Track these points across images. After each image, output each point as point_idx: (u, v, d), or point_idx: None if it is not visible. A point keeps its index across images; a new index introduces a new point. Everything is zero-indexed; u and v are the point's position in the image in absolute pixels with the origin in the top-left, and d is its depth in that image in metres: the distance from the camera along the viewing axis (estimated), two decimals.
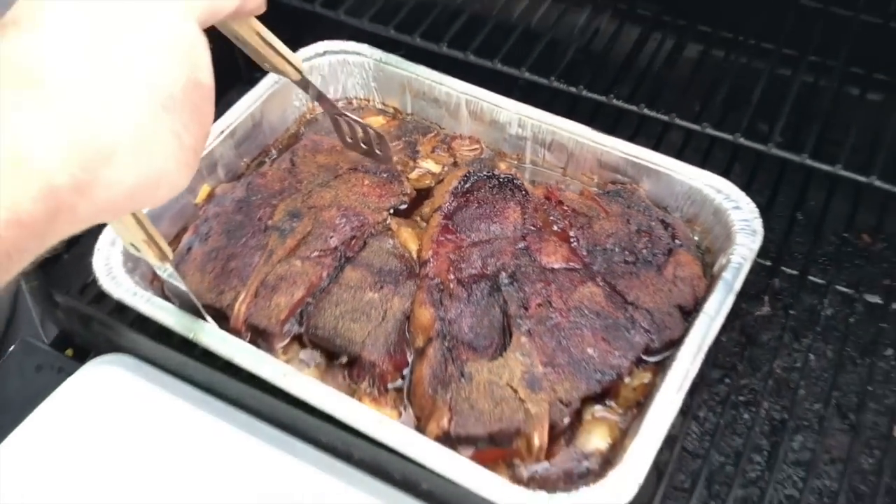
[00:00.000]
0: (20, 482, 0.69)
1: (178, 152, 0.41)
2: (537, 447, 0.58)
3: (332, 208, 0.68)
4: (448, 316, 0.63)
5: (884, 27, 0.80)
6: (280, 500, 0.67)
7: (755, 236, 0.66)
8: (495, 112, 0.76)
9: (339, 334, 0.62)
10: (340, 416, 0.58)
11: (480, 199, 0.70)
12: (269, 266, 0.65)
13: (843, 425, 0.70)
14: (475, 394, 0.59)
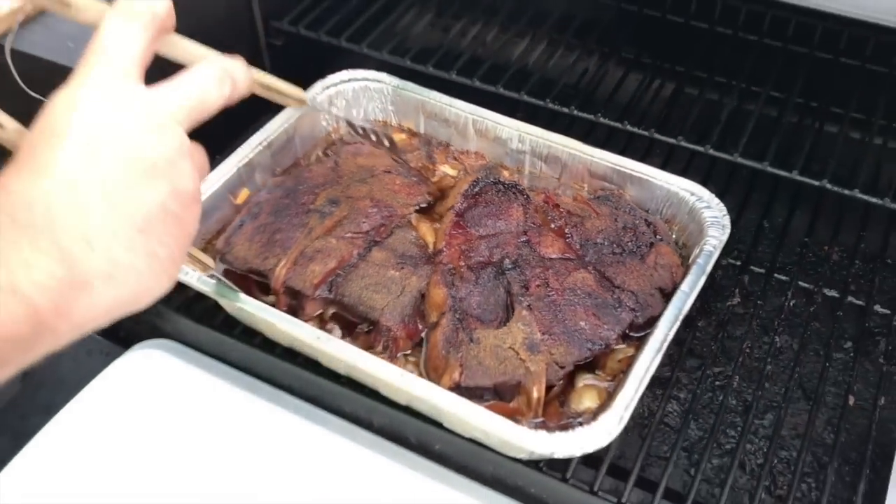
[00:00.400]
0: (70, 456, 0.77)
1: (155, 268, 0.44)
2: (535, 400, 0.67)
3: (367, 199, 0.79)
4: (459, 294, 0.73)
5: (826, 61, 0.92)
6: (308, 465, 0.75)
7: (724, 230, 0.77)
8: (498, 129, 0.87)
9: (362, 302, 0.72)
10: (367, 369, 0.67)
11: (487, 201, 0.81)
12: (309, 240, 0.75)
13: (806, 405, 0.80)
14: (482, 353, 0.68)
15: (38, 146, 0.42)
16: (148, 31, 0.46)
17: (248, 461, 0.75)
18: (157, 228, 0.44)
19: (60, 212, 0.40)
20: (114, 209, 0.42)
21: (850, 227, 0.92)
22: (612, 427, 0.62)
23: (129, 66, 0.45)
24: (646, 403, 0.80)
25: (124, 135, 0.43)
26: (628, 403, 0.64)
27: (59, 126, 0.42)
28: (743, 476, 0.75)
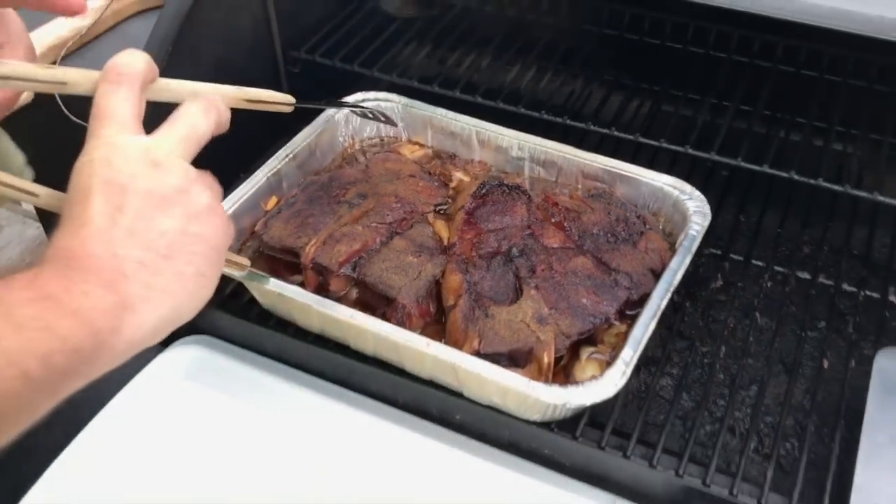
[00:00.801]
0: (120, 445, 0.84)
1: (187, 285, 0.52)
2: (546, 365, 0.75)
3: (392, 196, 0.89)
4: (472, 279, 0.82)
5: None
6: (340, 442, 0.83)
7: (705, 218, 0.86)
8: (499, 139, 0.97)
9: (382, 281, 0.81)
10: (398, 339, 0.75)
11: (494, 200, 0.90)
12: (337, 226, 0.85)
13: (786, 377, 0.88)
14: (497, 326, 0.77)
15: (73, 206, 0.51)
16: (134, 88, 0.54)
17: (286, 442, 0.82)
18: (181, 250, 0.51)
19: (98, 254, 0.49)
20: (139, 243, 0.50)
21: (817, 221, 1.02)
22: (618, 379, 0.71)
23: (126, 122, 0.53)
24: (642, 379, 0.88)
25: (136, 179, 0.51)
26: (630, 360, 0.72)
27: (84, 186, 0.51)
28: (733, 440, 0.83)
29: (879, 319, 0.90)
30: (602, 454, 0.76)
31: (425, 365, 0.78)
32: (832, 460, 0.76)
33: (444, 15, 1.15)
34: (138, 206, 0.50)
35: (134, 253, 0.49)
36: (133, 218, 0.50)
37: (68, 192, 0.52)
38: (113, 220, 0.50)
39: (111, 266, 0.48)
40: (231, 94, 0.67)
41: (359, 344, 0.82)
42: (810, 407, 0.83)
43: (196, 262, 0.52)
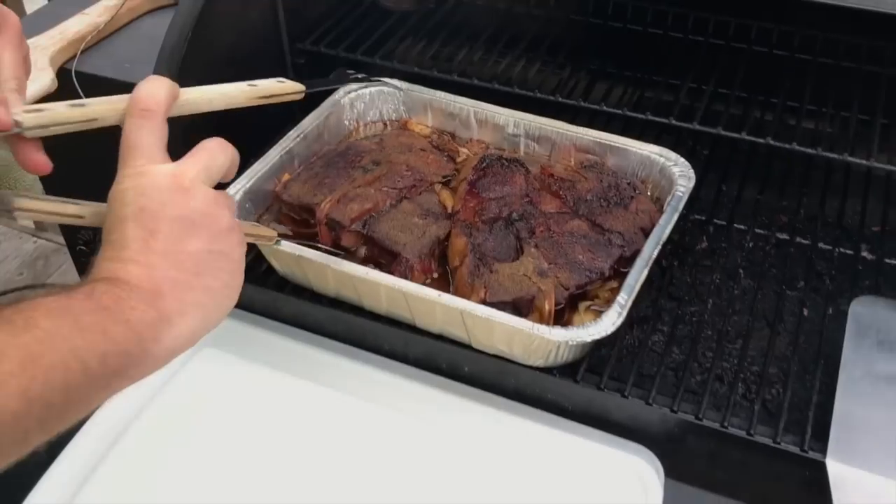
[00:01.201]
0: (146, 409, 0.89)
1: (216, 296, 0.58)
2: (547, 312, 0.81)
3: (403, 165, 0.96)
4: (476, 241, 0.88)
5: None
6: (357, 398, 0.88)
7: (690, 181, 0.93)
8: (496, 117, 1.03)
9: (389, 238, 0.88)
10: (410, 291, 0.81)
11: (494, 172, 0.96)
12: (352, 187, 0.92)
13: (769, 331, 0.94)
14: (501, 278, 0.83)
15: (112, 232, 0.57)
16: (158, 121, 0.60)
17: (304, 400, 0.88)
18: (208, 267, 0.58)
19: (138, 275, 0.55)
20: (172, 264, 0.56)
21: (793, 192, 1.08)
22: (615, 319, 0.77)
23: (154, 153, 0.59)
24: (635, 335, 0.94)
25: (165, 207, 0.57)
26: (625, 303, 0.79)
27: (120, 214, 0.57)
28: (722, 387, 0.88)
29: (853, 273, 0.97)
30: (602, 395, 0.82)
31: (436, 318, 0.84)
32: (813, 395, 0.82)
33: (439, 8, 1.22)
34: (169, 231, 0.57)
35: (169, 273, 0.56)
36: (165, 242, 0.56)
37: (107, 218, 0.58)
38: (147, 245, 0.56)
39: (150, 286, 0.55)
40: (244, 93, 0.73)
41: (372, 302, 0.88)
42: (791, 354, 0.88)
43: (222, 276, 0.59)
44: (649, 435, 0.82)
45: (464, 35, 1.18)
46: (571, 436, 0.83)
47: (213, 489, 0.80)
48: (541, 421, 0.84)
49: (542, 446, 0.83)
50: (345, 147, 1.00)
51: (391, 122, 1.09)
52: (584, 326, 0.77)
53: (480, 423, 0.85)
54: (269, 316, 0.94)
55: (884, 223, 1.04)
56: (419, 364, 0.89)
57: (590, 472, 0.81)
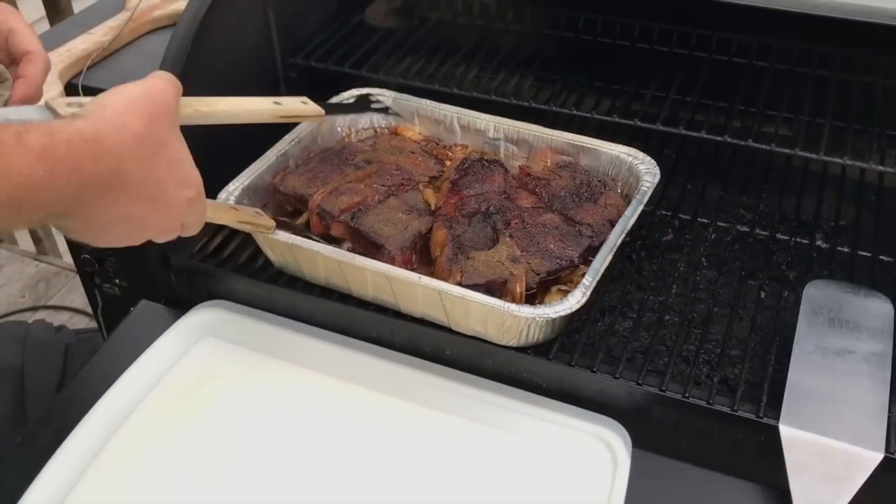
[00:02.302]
0: (150, 396, 0.95)
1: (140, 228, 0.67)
2: (518, 294, 0.88)
3: (393, 165, 1.04)
4: (455, 232, 0.95)
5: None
6: (345, 382, 0.94)
7: (655, 177, 1.00)
8: (477, 122, 1.11)
9: (373, 230, 0.95)
10: (392, 274, 0.88)
11: (475, 171, 1.03)
12: (343, 181, 0.99)
13: (728, 314, 0.99)
14: (476, 264, 0.90)
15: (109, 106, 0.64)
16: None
17: (297, 385, 0.94)
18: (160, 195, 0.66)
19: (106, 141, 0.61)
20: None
21: (753, 192, 1.16)
22: (579, 297, 0.84)
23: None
24: (606, 322, 1.00)
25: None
26: (589, 284, 0.85)
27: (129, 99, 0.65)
28: (687, 368, 0.94)
29: (808, 260, 1.04)
30: (572, 371, 0.89)
31: (417, 301, 0.90)
32: (768, 370, 0.89)
33: (422, 25, 1.31)
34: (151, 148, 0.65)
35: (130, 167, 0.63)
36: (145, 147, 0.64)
37: (113, 96, 0.64)
38: (133, 139, 0.63)
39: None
40: (269, 110, 0.82)
41: (359, 287, 0.95)
42: (749, 335, 0.95)
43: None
44: (617, 408, 0.88)
45: (445, 50, 1.26)
46: (545, 410, 0.89)
47: (212, 473, 0.85)
48: (516, 398, 0.91)
49: (518, 421, 0.89)
50: (340, 146, 1.08)
51: (381, 130, 1.16)
52: (550, 305, 0.84)
53: (461, 401, 0.91)
54: (265, 308, 1.01)
55: (837, 216, 1.11)
56: (404, 349, 0.95)
57: (562, 443, 0.87)
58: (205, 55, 1.05)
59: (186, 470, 0.86)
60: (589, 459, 0.86)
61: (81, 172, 0.58)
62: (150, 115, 0.64)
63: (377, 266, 0.89)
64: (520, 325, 0.85)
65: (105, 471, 0.86)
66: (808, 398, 0.83)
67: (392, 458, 0.86)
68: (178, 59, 1.02)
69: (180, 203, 0.69)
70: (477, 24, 1.31)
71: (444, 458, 0.86)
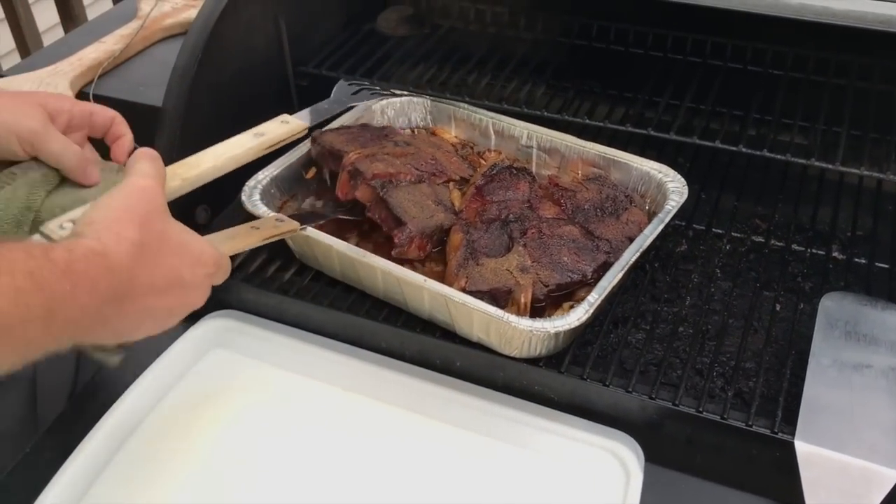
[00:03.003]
0: (162, 404, 0.94)
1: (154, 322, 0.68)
2: (523, 304, 0.87)
3: (430, 155, 1.05)
4: (471, 238, 0.95)
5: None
6: (356, 393, 0.94)
7: (682, 196, 0.99)
8: (511, 129, 1.12)
9: (401, 206, 0.96)
10: (402, 275, 0.88)
11: (502, 178, 1.03)
12: (379, 150, 1.01)
13: (744, 325, 0.97)
14: (484, 271, 0.90)
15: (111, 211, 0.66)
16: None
17: (307, 395, 0.93)
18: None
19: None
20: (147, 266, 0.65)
21: (768, 202, 1.15)
22: (580, 314, 0.84)
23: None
24: (619, 334, 0.99)
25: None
26: (594, 301, 0.84)
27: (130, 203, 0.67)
28: (701, 381, 0.93)
29: (824, 272, 1.03)
30: (584, 384, 0.88)
31: (424, 302, 0.90)
32: (784, 384, 0.87)
33: (433, 33, 1.30)
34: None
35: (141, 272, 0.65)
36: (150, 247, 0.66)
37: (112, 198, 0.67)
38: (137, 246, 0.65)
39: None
40: (252, 149, 0.83)
41: (370, 284, 0.95)
42: (764, 348, 0.94)
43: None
44: (630, 422, 0.87)
45: (457, 58, 1.25)
46: (557, 424, 0.88)
47: (222, 484, 0.85)
48: (528, 411, 0.89)
49: (529, 434, 0.88)
50: (382, 127, 1.10)
51: (419, 130, 1.17)
52: (550, 319, 0.83)
53: (471, 414, 0.90)
54: (276, 318, 1.00)
55: (854, 227, 1.10)
56: (414, 361, 0.94)
57: (574, 457, 0.86)
58: (215, 64, 1.05)
59: (196, 481, 0.85)
60: (601, 474, 0.84)
61: (98, 288, 0.59)
62: (140, 220, 0.65)
63: (387, 266, 0.89)
64: (521, 337, 0.84)
65: (115, 481, 0.85)
66: (825, 413, 0.81)
67: (400, 470, 0.85)
68: (189, 69, 1.02)
69: (200, 280, 0.71)
70: (489, 32, 1.30)
71: (453, 472, 0.85)
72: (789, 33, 1.11)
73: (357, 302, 0.99)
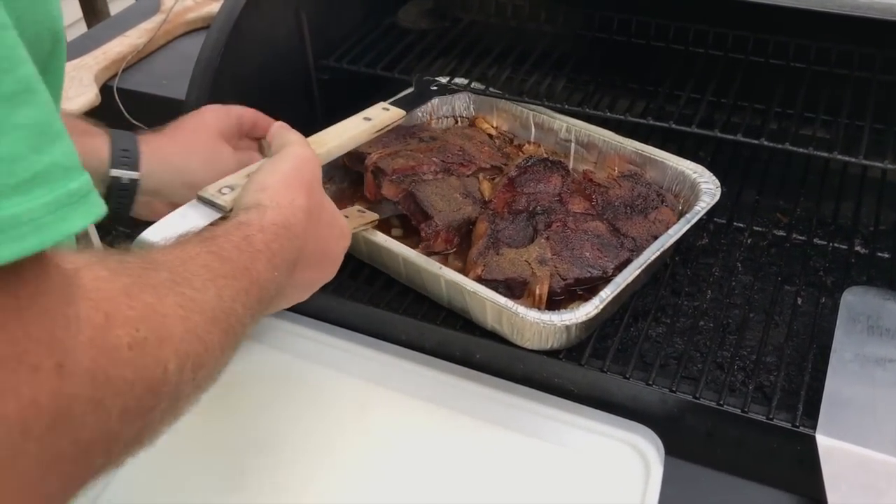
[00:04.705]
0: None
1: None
2: (538, 296, 0.87)
3: (457, 146, 1.06)
4: (496, 228, 0.95)
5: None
6: (377, 384, 0.94)
7: (714, 197, 0.98)
8: (551, 122, 1.13)
9: (429, 200, 0.96)
10: (417, 261, 0.89)
11: (535, 171, 1.03)
12: (404, 148, 1.03)
13: (765, 320, 0.97)
14: (501, 260, 0.90)
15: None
16: None
17: (329, 386, 0.94)
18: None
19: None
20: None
21: (790, 195, 1.14)
22: (589, 309, 0.83)
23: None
24: (639, 327, 0.99)
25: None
26: (606, 297, 0.84)
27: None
28: (722, 374, 0.93)
29: (846, 266, 1.02)
30: (605, 377, 0.88)
31: (442, 287, 0.91)
32: (805, 378, 0.87)
33: (454, 26, 1.30)
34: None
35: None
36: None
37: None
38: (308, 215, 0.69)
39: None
40: (366, 130, 0.91)
41: (394, 269, 0.97)
42: (786, 342, 0.93)
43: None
44: (650, 415, 0.87)
45: (477, 51, 1.25)
46: (576, 416, 0.88)
47: (241, 476, 0.85)
48: (548, 403, 0.90)
49: (549, 427, 0.88)
50: (412, 125, 1.13)
51: (461, 118, 1.19)
52: (559, 312, 0.83)
53: (491, 406, 0.90)
54: (294, 309, 1.01)
55: (877, 221, 1.09)
56: (434, 352, 0.95)
57: (594, 450, 0.86)
58: (238, 57, 1.06)
59: (216, 468, 0.86)
60: (621, 467, 0.85)
61: (288, 261, 0.63)
62: (307, 187, 0.68)
63: (408, 253, 0.90)
64: (531, 329, 0.84)
65: (131, 474, 0.86)
66: (847, 408, 0.81)
67: (419, 462, 0.86)
68: (212, 62, 1.03)
69: (340, 254, 0.75)
70: (510, 26, 1.30)
71: (472, 464, 0.86)
72: (812, 26, 1.10)
73: (377, 296, 0.99)
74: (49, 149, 0.37)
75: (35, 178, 0.36)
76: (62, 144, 0.39)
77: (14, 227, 0.35)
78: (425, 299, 0.98)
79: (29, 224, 0.36)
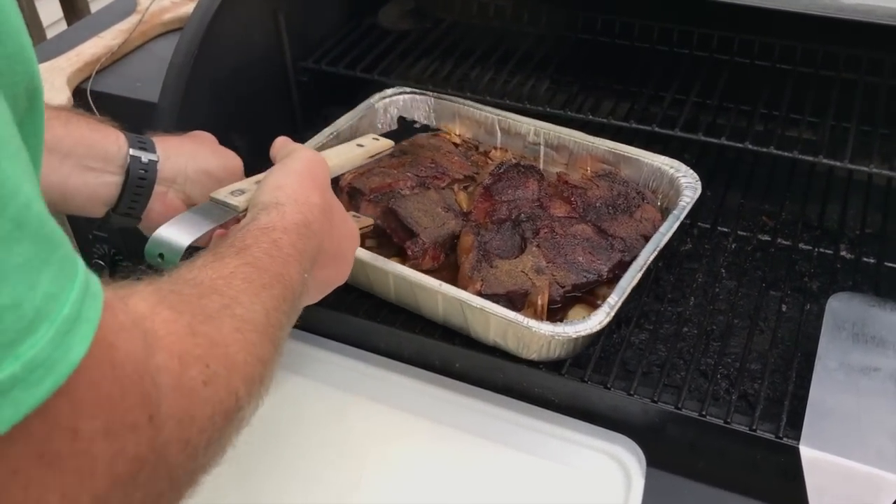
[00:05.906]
0: None
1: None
2: (540, 307, 0.85)
3: (429, 159, 1.04)
4: (483, 239, 0.93)
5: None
6: (357, 393, 0.92)
7: (696, 191, 0.97)
8: (518, 126, 1.10)
9: (412, 216, 0.94)
10: (416, 279, 0.86)
11: (510, 177, 1.01)
12: (376, 165, 1.00)
13: (749, 326, 0.96)
14: (499, 273, 0.88)
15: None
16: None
17: (311, 394, 0.92)
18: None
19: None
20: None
21: (775, 198, 1.12)
22: (602, 318, 0.81)
23: None
24: (622, 334, 0.97)
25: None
26: (615, 304, 0.82)
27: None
28: (705, 383, 0.91)
29: (831, 272, 1.01)
30: (585, 387, 0.86)
31: (438, 305, 0.88)
32: (789, 387, 0.86)
33: (435, 27, 1.28)
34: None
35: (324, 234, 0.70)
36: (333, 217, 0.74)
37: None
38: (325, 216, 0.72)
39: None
40: (360, 155, 0.93)
41: (382, 289, 0.93)
42: (769, 347, 0.92)
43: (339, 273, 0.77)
44: (631, 425, 0.86)
45: (459, 52, 1.24)
46: (557, 427, 0.87)
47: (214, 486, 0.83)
48: (528, 413, 0.88)
49: (530, 438, 0.86)
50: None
51: (422, 126, 1.16)
52: (571, 323, 0.81)
53: (470, 416, 0.88)
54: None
55: (863, 225, 1.07)
56: (413, 361, 0.93)
57: (575, 461, 0.84)
58: (212, 60, 1.04)
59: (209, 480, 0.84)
60: (602, 479, 0.83)
61: (311, 259, 0.64)
62: (320, 186, 0.69)
63: (400, 270, 0.87)
64: (540, 341, 0.82)
65: None
66: (831, 418, 0.80)
67: (397, 472, 0.84)
68: (185, 65, 1.01)
69: (352, 255, 0.76)
70: (492, 27, 1.28)
71: (450, 474, 0.84)
72: (797, 27, 1.08)
73: (354, 304, 0.97)
74: (39, 279, 0.36)
75: (38, 315, 0.35)
76: (48, 270, 0.36)
77: (32, 371, 0.35)
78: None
79: (43, 366, 0.35)
